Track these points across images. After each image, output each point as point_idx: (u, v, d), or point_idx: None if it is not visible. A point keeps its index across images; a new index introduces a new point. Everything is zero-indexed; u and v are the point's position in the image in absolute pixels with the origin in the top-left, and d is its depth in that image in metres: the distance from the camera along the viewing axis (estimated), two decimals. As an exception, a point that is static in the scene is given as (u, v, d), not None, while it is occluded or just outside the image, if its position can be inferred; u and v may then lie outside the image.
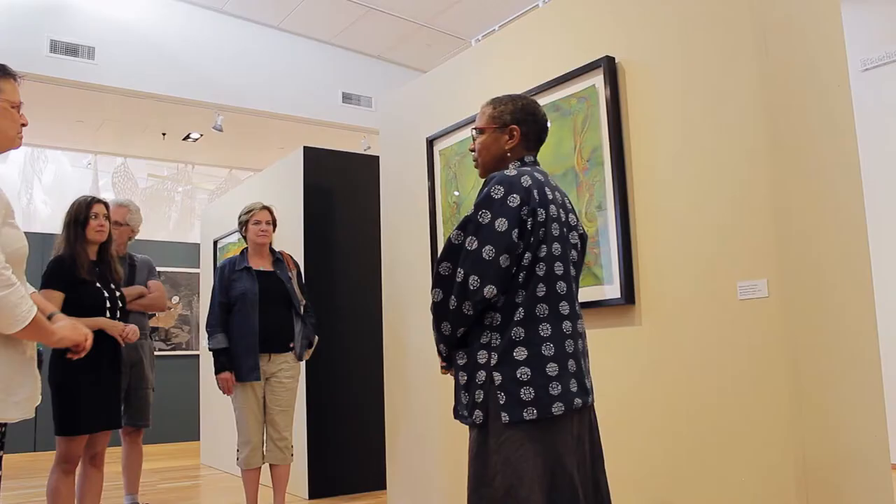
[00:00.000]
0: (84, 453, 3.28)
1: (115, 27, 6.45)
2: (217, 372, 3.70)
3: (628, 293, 2.67)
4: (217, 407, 6.42)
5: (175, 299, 8.66)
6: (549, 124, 2.15)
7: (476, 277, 1.81)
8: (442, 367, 2.06)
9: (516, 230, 1.83)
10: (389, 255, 4.08)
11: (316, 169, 5.05)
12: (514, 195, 1.85)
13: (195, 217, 8.99)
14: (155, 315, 6.20)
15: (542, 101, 3.05)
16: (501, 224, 1.82)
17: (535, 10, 3.20)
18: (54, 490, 3.15)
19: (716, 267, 2.43)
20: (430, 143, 3.64)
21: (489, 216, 1.84)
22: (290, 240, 4.83)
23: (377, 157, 5.35)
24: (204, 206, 9.33)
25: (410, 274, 3.84)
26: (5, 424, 1.83)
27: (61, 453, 3.16)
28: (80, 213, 3.21)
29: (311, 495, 4.70)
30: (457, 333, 1.89)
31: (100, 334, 3.18)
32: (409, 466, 3.81)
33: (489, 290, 1.82)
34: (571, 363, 1.88)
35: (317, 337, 3.95)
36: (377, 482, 4.91)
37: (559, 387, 1.83)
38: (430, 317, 1.94)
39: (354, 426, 4.94)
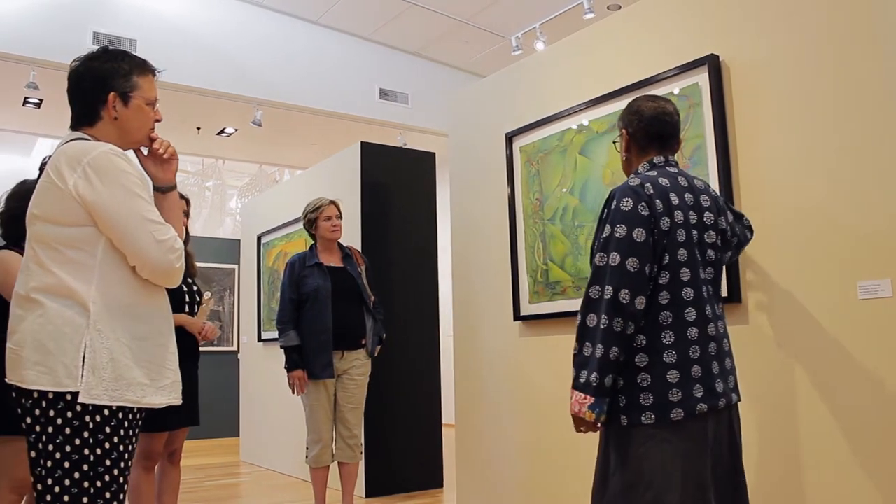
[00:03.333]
0: (163, 450, 3.26)
1: (158, 20, 6.42)
2: (289, 370, 3.67)
3: (734, 291, 2.64)
4: (257, 404, 6.39)
5: (207, 295, 8.61)
6: (670, 117, 2.04)
7: (626, 291, 1.82)
8: (581, 411, 1.83)
9: (651, 239, 1.86)
10: (460, 253, 4.03)
11: (373, 165, 5.02)
12: (643, 204, 1.87)
13: (225, 213, 8.95)
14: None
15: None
16: (639, 234, 1.85)
17: (632, 5, 3.15)
18: (135, 487, 3.13)
19: (833, 266, 2.40)
20: (510, 139, 3.60)
21: (625, 229, 1.85)
22: (347, 236, 4.79)
23: (433, 154, 5.34)
24: (233, 202, 9.30)
25: (486, 273, 3.79)
26: (141, 410, 1.79)
27: (142, 450, 3.13)
28: None
29: (368, 494, 4.67)
30: (610, 354, 1.82)
31: (180, 331, 3.16)
32: (479, 466, 3.78)
33: (640, 302, 1.84)
34: (696, 369, 1.87)
35: (384, 333, 3.92)
36: (433, 481, 4.91)
37: (680, 393, 1.84)
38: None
39: (410, 425, 4.91)
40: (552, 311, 3.31)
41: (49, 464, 1.66)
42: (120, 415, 1.71)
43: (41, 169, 1.86)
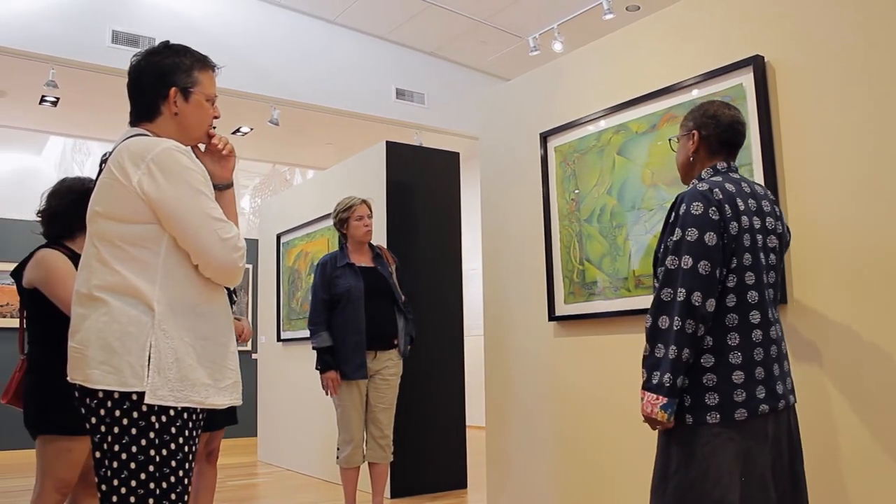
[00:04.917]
0: (201, 450, 3.24)
1: (176, 19, 6.40)
2: (322, 371, 3.65)
3: (781, 292, 2.61)
4: (277, 403, 6.38)
5: (221, 294, 8.59)
6: (742, 126, 2.12)
7: (699, 293, 1.85)
8: (653, 412, 1.87)
9: (721, 243, 1.90)
10: (492, 254, 4.00)
11: (397, 164, 5.01)
12: (713, 208, 1.91)
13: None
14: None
15: (679, 99, 3.01)
16: (711, 238, 1.88)
17: (672, 6, 3.13)
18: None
19: (881, 269, 2.39)
20: (544, 139, 3.58)
21: (696, 233, 1.89)
22: (373, 235, 4.77)
23: (457, 154, 5.33)
24: (244, 201, 9.29)
25: (519, 273, 3.77)
26: (203, 410, 1.77)
27: (179, 450, 3.11)
28: None
29: (393, 494, 4.65)
30: (683, 356, 1.85)
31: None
32: (511, 467, 3.76)
33: (711, 304, 1.87)
34: (759, 371, 1.91)
35: (415, 332, 3.91)
36: (457, 482, 4.89)
37: (744, 394, 1.88)
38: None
39: (435, 426, 4.90)
40: (589, 311, 3.29)
41: (115, 465, 1.64)
42: (185, 415, 1.69)
43: (101, 165, 1.83)
